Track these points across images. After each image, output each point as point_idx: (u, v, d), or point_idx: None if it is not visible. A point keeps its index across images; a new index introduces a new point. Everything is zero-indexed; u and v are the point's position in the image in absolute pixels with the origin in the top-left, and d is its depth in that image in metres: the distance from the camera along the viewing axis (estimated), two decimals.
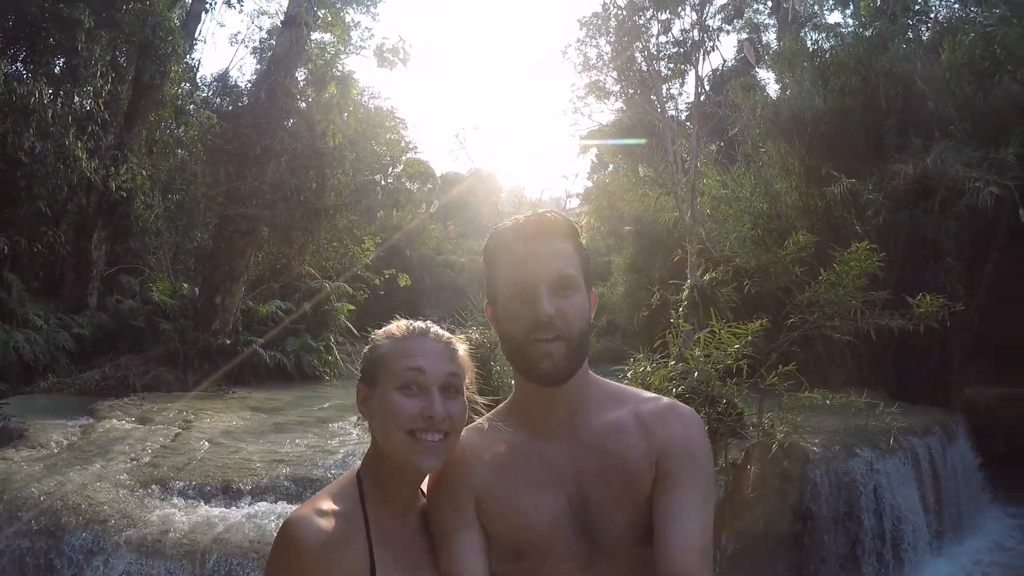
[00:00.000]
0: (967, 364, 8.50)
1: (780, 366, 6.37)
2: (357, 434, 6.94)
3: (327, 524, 1.20)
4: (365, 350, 1.36)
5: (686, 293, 11.35)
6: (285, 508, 4.79)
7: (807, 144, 9.94)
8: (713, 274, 11.43)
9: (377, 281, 14.60)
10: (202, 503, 4.94)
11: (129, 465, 5.30)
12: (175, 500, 4.91)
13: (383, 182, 22.17)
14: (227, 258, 9.78)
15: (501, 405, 1.45)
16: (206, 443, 6.27)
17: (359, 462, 1.38)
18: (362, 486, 1.30)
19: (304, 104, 11.34)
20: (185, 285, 11.23)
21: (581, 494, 1.29)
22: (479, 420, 1.41)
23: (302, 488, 5.24)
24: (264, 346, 10.66)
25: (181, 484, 5.12)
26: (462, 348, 1.36)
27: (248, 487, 5.19)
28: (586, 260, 1.35)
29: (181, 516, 4.56)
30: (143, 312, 10.50)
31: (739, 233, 10.46)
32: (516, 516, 1.30)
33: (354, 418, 7.90)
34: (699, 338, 6.27)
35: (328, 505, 1.24)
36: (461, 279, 26.67)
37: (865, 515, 5.78)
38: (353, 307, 13.85)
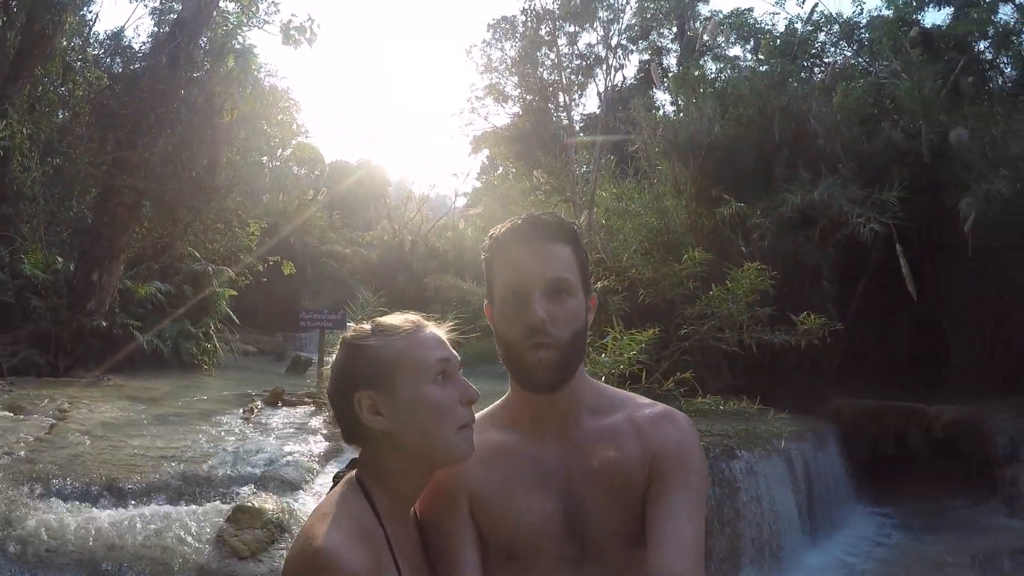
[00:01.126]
0: (835, 378, 9.44)
1: (678, 372, 6.80)
2: (245, 430, 6.57)
3: (364, 549, 1.11)
4: (362, 354, 1.23)
5: None
6: (177, 509, 4.47)
7: (700, 166, 10.50)
8: (605, 283, 11.88)
9: (261, 267, 13.93)
10: (88, 504, 4.51)
11: (3, 460, 4.73)
12: (58, 501, 4.45)
13: (271, 164, 21.05)
14: (108, 232, 8.86)
15: (494, 405, 1.43)
16: (85, 437, 5.71)
17: (343, 469, 1.31)
18: (371, 498, 1.22)
19: (203, 74, 10.53)
20: (60, 259, 10.03)
21: (573, 496, 1.28)
22: None
23: (193, 487, 4.90)
24: (142, 330, 9.84)
25: (62, 483, 4.64)
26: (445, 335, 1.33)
27: (136, 486, 4.78)
28: (585, 263, 1.34)
29: (67, 519, 4.15)
30: (12, 286, 9.38)
31: (636, 245, 10.92)
32: (508, 516, 1.29)
33: (239, 411, 7.46)
34: (605, 344, 6.56)
35: (353, 526, 1.14)
36: (343, 270, 25.95)
37: (744, 514, 6.22)
38: (235, 293, 13.15)
